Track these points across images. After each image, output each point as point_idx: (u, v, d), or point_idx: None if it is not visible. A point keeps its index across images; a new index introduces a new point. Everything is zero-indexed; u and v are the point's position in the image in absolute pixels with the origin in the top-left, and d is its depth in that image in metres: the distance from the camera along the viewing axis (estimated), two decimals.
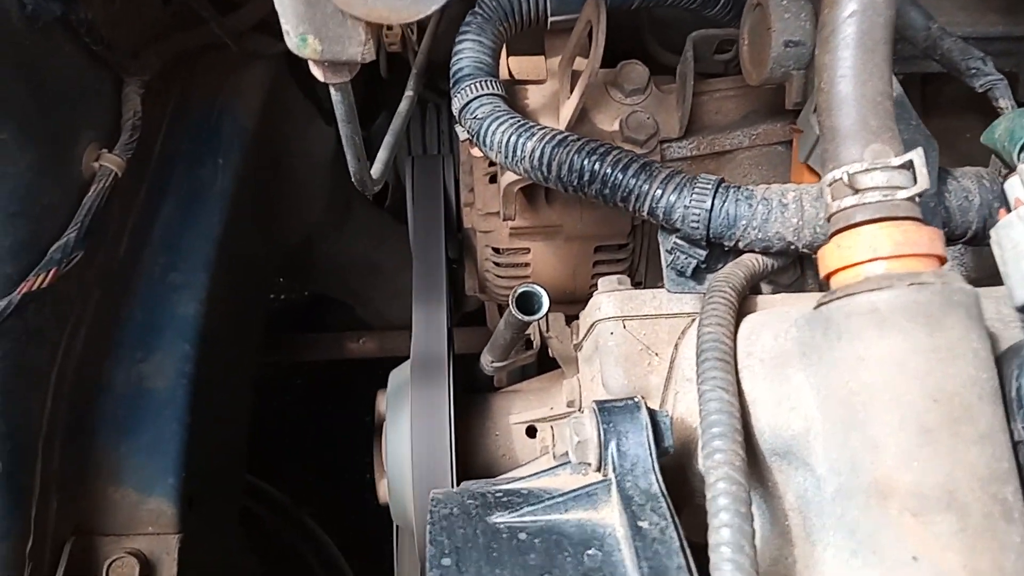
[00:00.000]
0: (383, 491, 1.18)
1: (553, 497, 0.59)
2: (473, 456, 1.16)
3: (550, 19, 1.00)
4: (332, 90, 0.66)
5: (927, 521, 0.46)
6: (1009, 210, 0.57)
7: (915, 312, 0.48)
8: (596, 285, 1.16)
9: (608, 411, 0.62)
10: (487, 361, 1.19)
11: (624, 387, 0.89)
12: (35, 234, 1.02)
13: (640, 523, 0.53)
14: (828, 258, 0.54)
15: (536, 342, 1.24)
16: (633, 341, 0.90)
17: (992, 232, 0.56)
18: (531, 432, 1.17)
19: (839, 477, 0.50)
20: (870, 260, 0.51)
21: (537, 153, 0.87)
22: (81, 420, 1.15)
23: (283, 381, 2.18)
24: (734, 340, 0.62)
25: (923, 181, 0.52)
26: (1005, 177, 0.68)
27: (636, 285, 1.13)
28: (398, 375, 1.20)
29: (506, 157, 0.90)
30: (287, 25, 0.57)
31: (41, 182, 1.01)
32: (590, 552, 0.54)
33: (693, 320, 0.76)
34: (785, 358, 0.57)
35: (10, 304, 0.97)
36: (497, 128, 0.89)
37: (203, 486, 1.25)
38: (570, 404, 1.13)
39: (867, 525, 0.48)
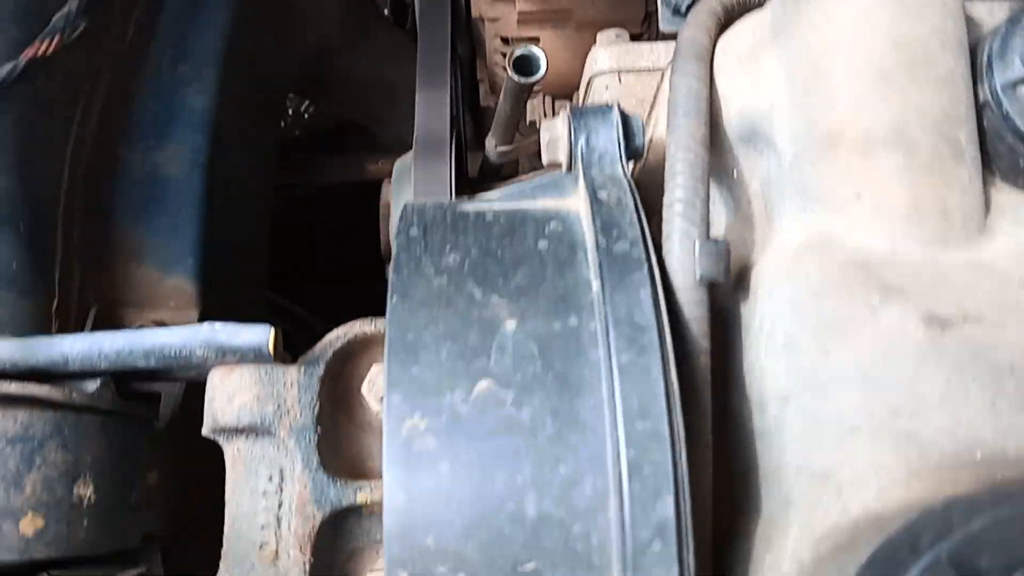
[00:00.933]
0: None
1: (521, 188, 0.60)
2: None
3: None
4: None
5: (873, 159, 0.45)
6: None
7: None
8: None
9: (580, 113, 0.62)
10: (491, 146, 1.18)
11: None
12: (37, 1, 1.02)
13: (599, 193, 0.54)
14: None
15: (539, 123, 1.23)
16: (629, 96, 0.89)
17: None
18: None
19: (797, 142, 0.50)
20: None
21: None
22: (98, 202, 1.19)
23: (305, 206, 2.20)
24: (713, 43, 0.61)
25: None
26: None
27: None
28: (403, 162, 1.21)
29: None
30: None
31: None
32: (551, 224, 0.55)
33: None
34: (759, 46, 0.56)
35: (16, 68, 0.99)
36: None
37: (222, 274, 1.30)
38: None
39: (817, 177, 0.48)
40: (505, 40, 1.24)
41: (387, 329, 0.50)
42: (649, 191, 0.69)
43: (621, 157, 0.59)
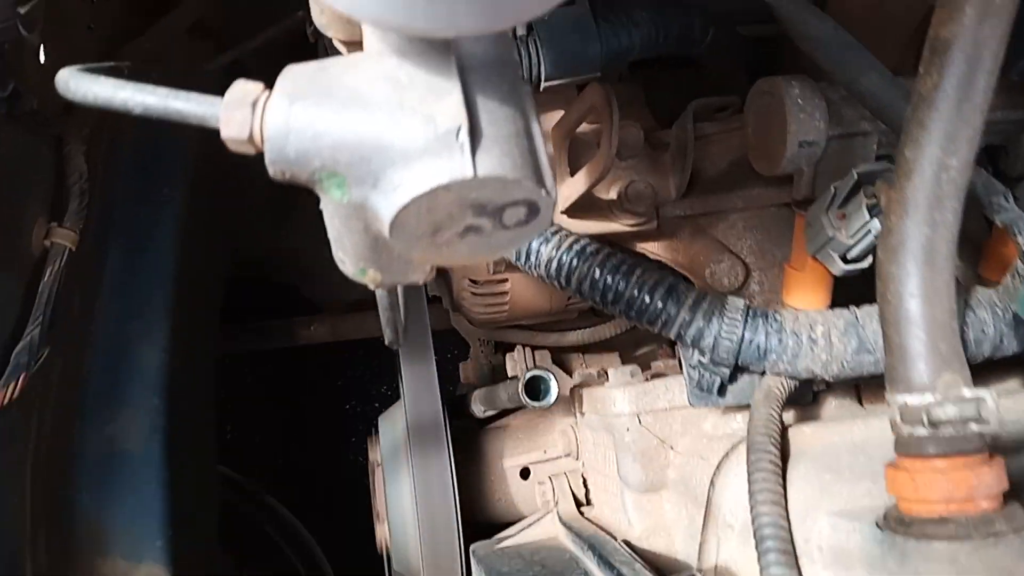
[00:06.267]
0: (382, 535, 1.19)
1: None
2: (471, 503, 1.17)
3: (543, 84, 0.94)
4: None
5: None
6: None
7: (991, 566, 0.52)
8: (572, 301, 1.16)
9: None
10: (479, 411, 1.19)
11: (642, 482, 0.92)
12: None
13: None
14: (901, 486, 0.57)
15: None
16: (649, 436, 0.92)
17: None
18: (524, 474, 1.19)
19: None
20: (945, 501, 0.54)
21: (554, 264, 0.84)
22: (59, 496, 1.10)
23: (238, 372, 2.08)
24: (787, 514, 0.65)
25: (994, 423, 0.54)
26: None
27: None
28: (390, 427, 1.19)
29: (518, 259, 0.87)
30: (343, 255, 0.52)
31: None
32: None
33: (727, 453, 0.78)
34: (848, 559, 0.60)
35: None
36: None
37: (188, 536, 1.23)
38: (567, 454, 1.16)
39: None
40: (474, 281, 1.23)
41: None
42: None
43: None
